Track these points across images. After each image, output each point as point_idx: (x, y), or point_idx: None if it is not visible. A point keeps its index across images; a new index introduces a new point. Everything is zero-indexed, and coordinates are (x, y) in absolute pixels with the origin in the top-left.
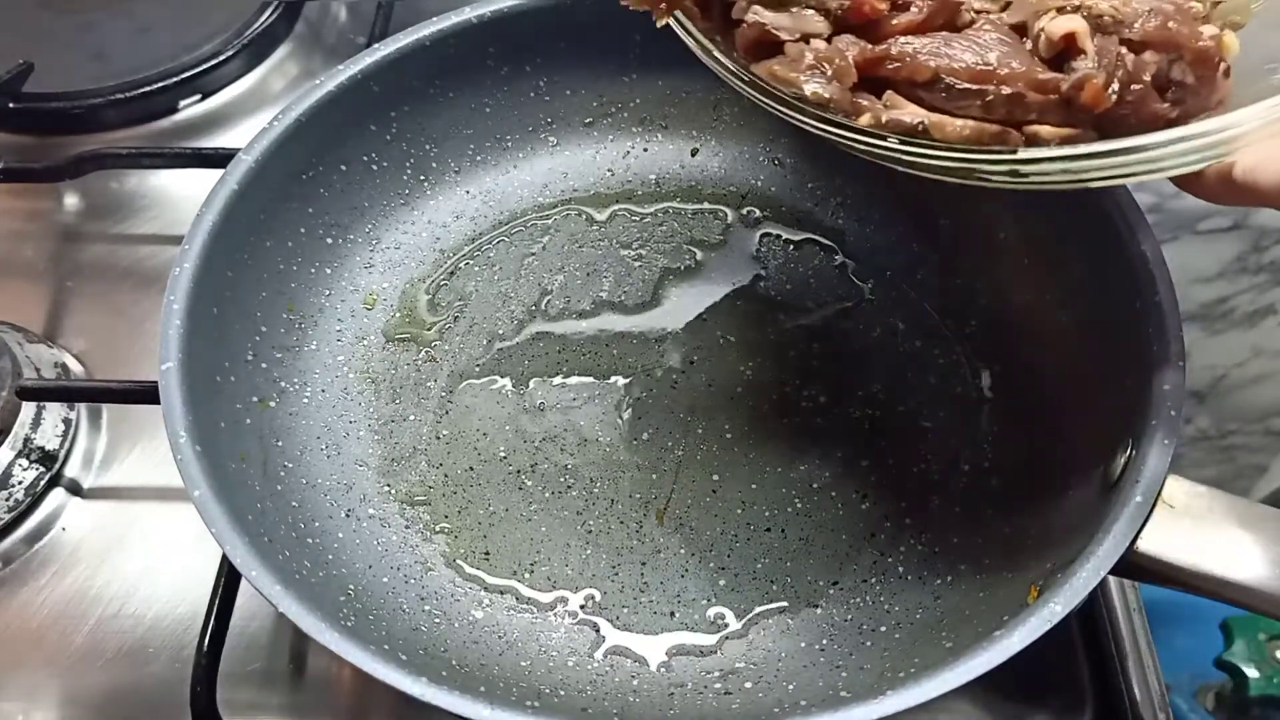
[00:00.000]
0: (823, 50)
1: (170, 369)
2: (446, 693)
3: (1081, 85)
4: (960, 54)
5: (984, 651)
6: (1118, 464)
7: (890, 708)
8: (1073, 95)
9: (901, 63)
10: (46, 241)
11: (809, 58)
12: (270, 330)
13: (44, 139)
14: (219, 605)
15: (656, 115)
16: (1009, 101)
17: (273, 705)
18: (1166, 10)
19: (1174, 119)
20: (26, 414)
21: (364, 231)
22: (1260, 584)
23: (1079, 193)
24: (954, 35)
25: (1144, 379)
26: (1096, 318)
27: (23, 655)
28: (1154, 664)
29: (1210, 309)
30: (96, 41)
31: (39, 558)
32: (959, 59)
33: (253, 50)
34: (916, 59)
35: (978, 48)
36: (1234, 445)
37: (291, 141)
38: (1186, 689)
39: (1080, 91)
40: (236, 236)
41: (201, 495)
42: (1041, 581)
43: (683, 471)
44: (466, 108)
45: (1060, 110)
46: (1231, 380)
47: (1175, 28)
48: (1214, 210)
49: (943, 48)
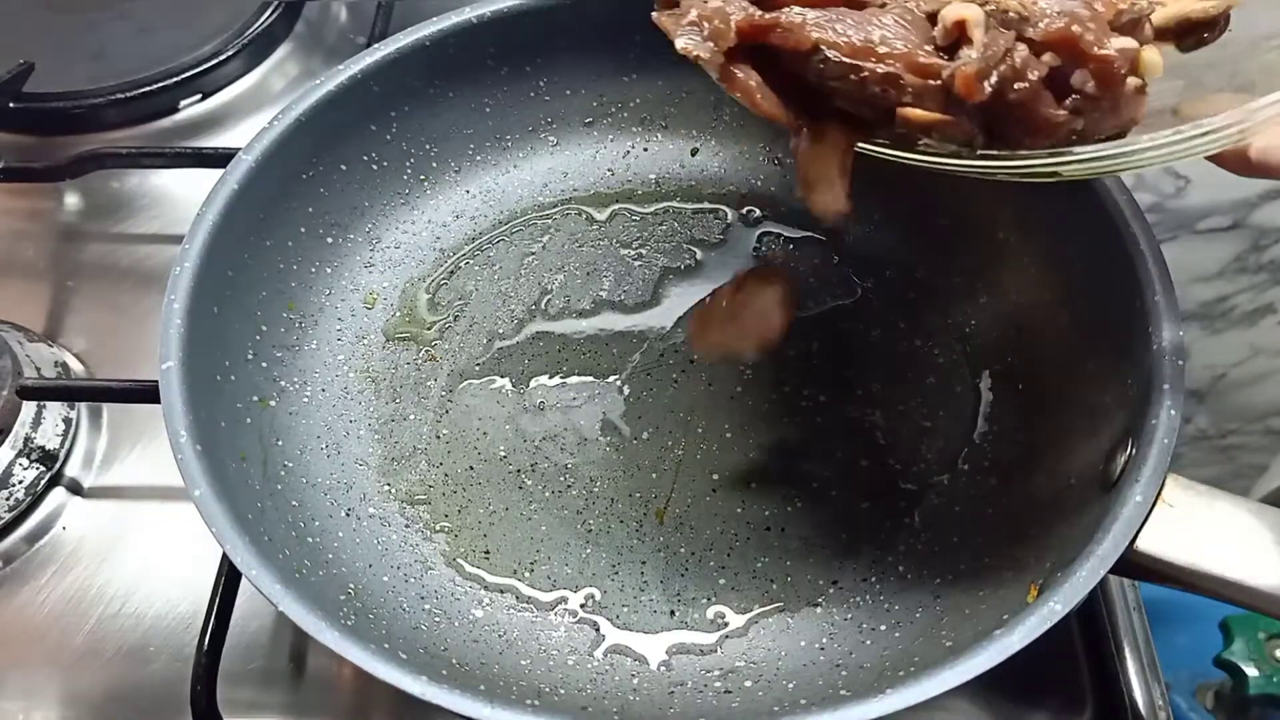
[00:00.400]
0: (708, 9)
1: (170, 368)
2: (446, 691)
3: (954, 74)
4: (847, 30)
5: (984, 651)
6: (1118, 464)
7: (890, 706)
8: (950, 83)
9: (789, 31)
10: (47, 241)
11: (692, 14)
12: (270, 330)
13: (44, 139)
14: (219, 604)
15: (656, 115)
16: (884, 80)
17: (273, 705)
18: (1079, 15)
19: (1077, 130)
20: (27, 413)
21: (364, 231)
22: (1260, 583)
23: (1079, 192)
24: (851, 12)
25: (1144, 379)
26: (1096, 317)
27: (23, 655)
28: (1154, 663)
29: (1210, 308)
30: (96, 41)
31: (39, 557)
32: (844, 34)
33: (253, 50)
34: (802, 29)
35: (868, 26)
36: (1234, 445)
37: (291, 141)
38: (1186, 688)
39: (954, 80)
40: (236, 236)
41: (201, 495)
42: (1041, 581)
43: (683, 470)
44: (466, 107)
45: (940, 97)
46: (1231, 380)
47: (1079, 32)
48: (1214, 210)
49: (833, 22)
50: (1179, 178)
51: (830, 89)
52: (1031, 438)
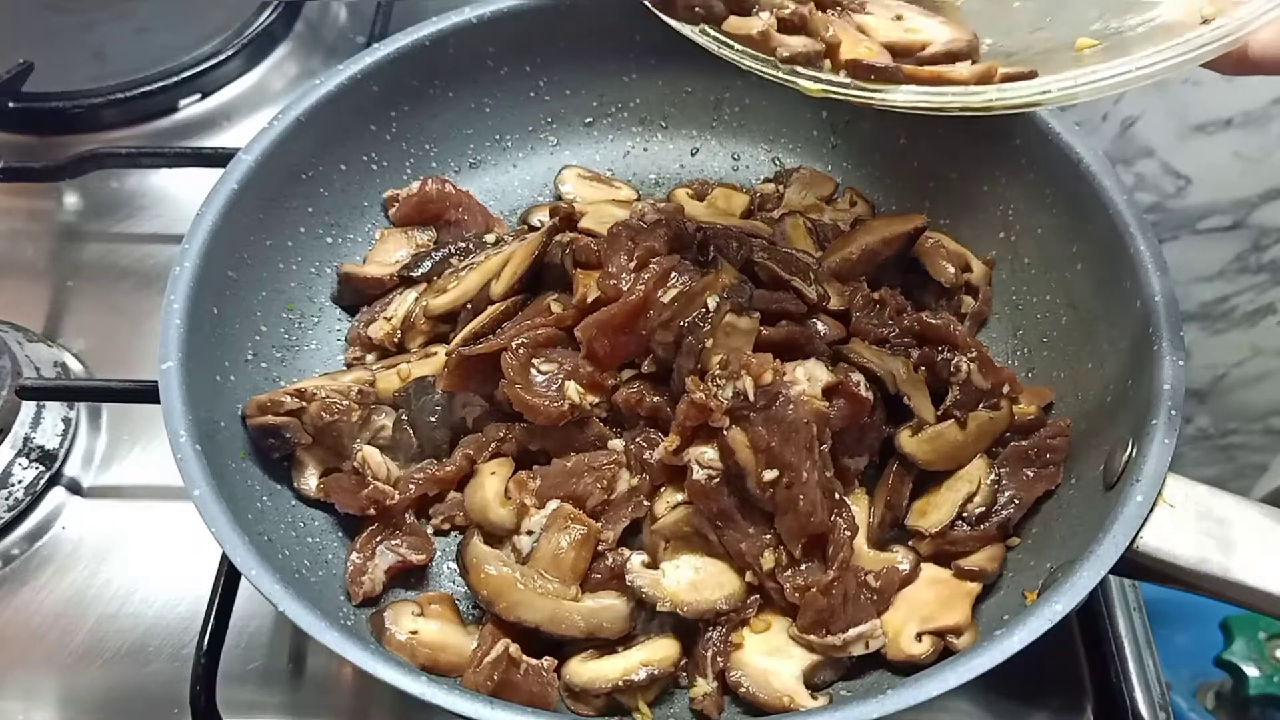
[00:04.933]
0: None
1: (170, 369)
2: (446, 692)
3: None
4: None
5: (984, 651)
6: (1118, 464)
7: (890, 707)
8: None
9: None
10: (46, 241)
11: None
12: (270, 330)
13: (44, 139)
14: (219, 605)
15: (656, 115)
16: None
17: (272, 705)
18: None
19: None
20: (26, 413)
21: (364, 231)
22: (1260, 583)
23: (1079, 192)
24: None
25: (1144, 379)
26: (1097, 317)
27: (23, 655)
28: (1154, 663)
29: (1210, 308)
30: (96, 41)
31: (39, 557)
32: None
33: (252, 50)
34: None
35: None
36: (1234, 444)
37: (291, 141)
38: (1186, 688)
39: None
40: (236, 236)
41: (201, 495)
42: (1041, 581)
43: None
44: (466, 108)
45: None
46: (1231, 380)
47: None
48: (1214, 210)
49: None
50: (1179, 178)
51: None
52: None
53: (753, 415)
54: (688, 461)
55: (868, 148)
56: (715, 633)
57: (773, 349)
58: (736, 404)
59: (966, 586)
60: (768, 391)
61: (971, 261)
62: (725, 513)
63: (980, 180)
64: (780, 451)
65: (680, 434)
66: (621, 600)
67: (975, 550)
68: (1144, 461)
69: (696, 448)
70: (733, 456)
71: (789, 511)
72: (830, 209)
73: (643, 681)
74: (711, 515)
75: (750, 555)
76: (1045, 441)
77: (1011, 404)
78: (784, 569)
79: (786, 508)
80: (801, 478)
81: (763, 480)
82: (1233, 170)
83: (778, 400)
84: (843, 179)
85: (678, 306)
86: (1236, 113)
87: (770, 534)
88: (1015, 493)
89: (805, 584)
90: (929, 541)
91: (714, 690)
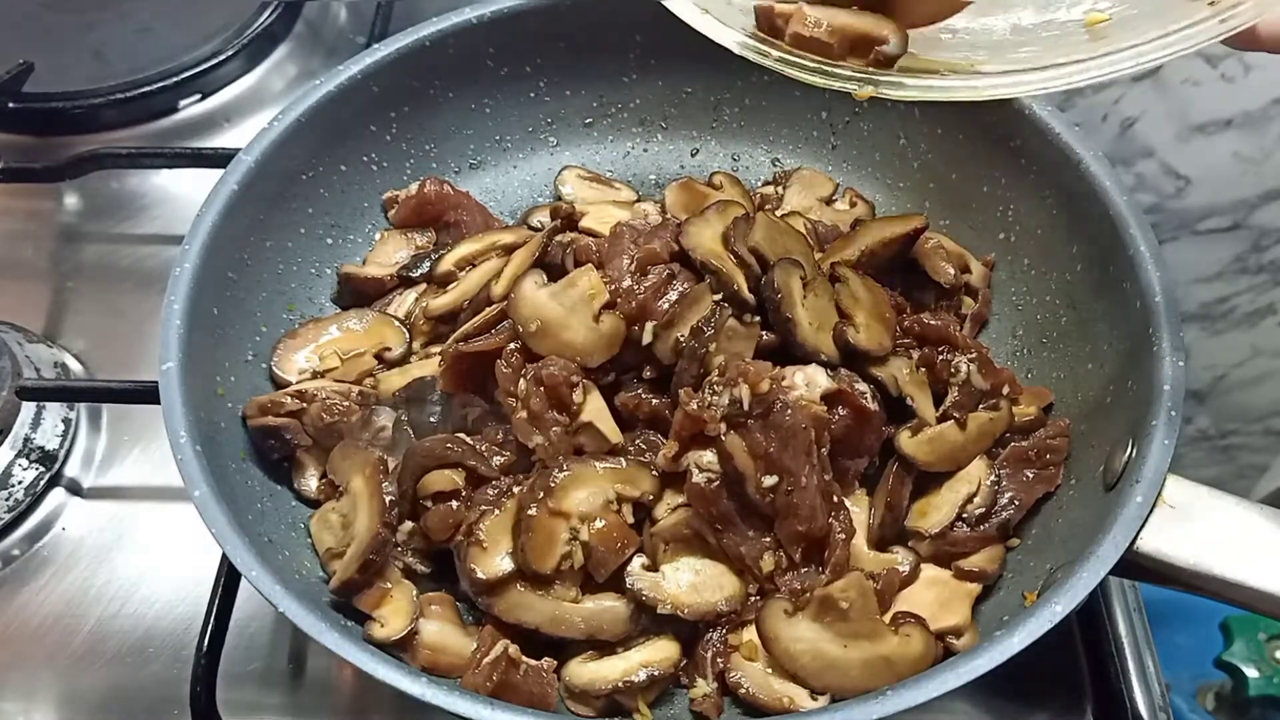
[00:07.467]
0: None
1: (170, 369)
2: (446, 692)
3: None
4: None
5: (984, 652)
6: (1118, 464)
7: (890, 707)
8: None
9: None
10: (46, 241)
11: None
12: (270, 330)
13: (44, 139)
14: (219, 605)
15: (656, 115)
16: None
17: (272, 705)
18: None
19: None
20: (26, 414)
21: (364, 231)
22: (1260, 584)
23: (1079, 192)
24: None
25: (1144, 379)
26: (1097, 317)
27: (23, 655)
28: (1154, 664)
29: (1210, 309)
30: (96, 41)
31: (39, 557)
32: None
33: (253, 50)
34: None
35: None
36: (1234, 445)
37: (291, 141)
38: (1186, 688)
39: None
40: (236, 236)
41: (201, 495)
42: (1041, 582)
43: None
44: (466, 108)
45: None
46: (1231, 380)
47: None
48: (1214, 210)
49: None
50: (1179, 178)
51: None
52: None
53: (750, 422)
54: (686, 467)
55: (868, 148)
56: (715, 634)
57: (774, 355)
58: (733, 412)
59: (966, 587)
60: (764, 400)
61: (971, 262)
62: (725, 516)
63: (980, 181)
64: (779, 457)
65: (678, 441)
66: (621, 602)
67: (975, 551)
68: (1144, 462)
69: (695, 452)
70: (731, 461)
71: (788, 517)
72: (830, 210)
73: (643, 682)
74: (711, 519)
75: (750, 558)
76: (1045, 442)
77: (1011, 405)
78: (783, 572)
79: (786, 513)
80: (800, 483)
81: (762, 486)
82: (1232, 171)
83: (775, 406)
84: (843, 179)
85: (678, 311)
86: (1236, 113)
87: (769, 537)
88: (1015, 494)
89: (804, 587)
90: (929, 542)
91: (714, 691)
